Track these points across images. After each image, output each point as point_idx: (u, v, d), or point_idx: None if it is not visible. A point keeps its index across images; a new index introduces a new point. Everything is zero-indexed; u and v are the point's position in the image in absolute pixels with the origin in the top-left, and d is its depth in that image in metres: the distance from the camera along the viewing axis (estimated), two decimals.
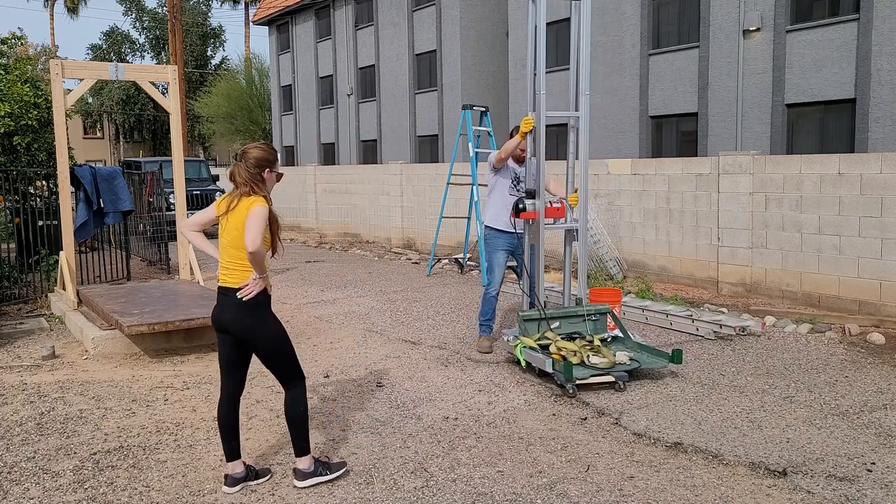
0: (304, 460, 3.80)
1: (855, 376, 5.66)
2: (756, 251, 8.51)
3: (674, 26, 17.23)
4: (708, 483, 3.83)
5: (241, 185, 3.62)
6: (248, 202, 3.58)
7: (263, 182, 3.68)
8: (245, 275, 3.60)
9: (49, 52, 54.43)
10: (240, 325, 3.62)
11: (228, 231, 3.62)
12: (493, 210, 6.39)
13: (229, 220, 3.61)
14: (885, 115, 13.32)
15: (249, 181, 3.61)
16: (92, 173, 9.17)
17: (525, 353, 5.68)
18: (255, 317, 3.63)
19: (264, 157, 3.68)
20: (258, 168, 3.65)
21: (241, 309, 3.60)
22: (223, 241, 3.66)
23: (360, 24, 28.94)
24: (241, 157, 3.67)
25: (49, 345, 6.69)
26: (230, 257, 3.64)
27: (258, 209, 3.52)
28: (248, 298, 3.60)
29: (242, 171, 3.63)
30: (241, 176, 3.62)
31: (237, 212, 3.59)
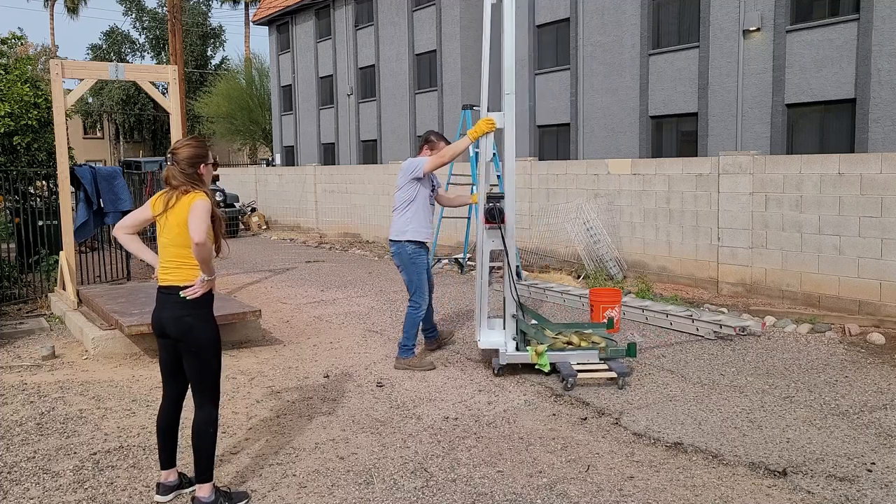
0: (205, 488, 3.59)
1: (855, 376, 5.65)
2: (756, 251, 8.51)
3: (674, 26, 17.23)
4: (708, 483, 3.83)
5: (178, 186, 3.51)
6: (188, 199, 3.48)
7: (201, 179, 3.58)
8: (187, 272, 3.51)
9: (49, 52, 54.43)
10: (179, 323, 3.50)
11: (168, 229, 3.52)
12: (417, 222, 5.83)
13: (168, 218, 3.51)
14: (885, 115, 13.32)
15: (186, 181, 3.51)
16: (92, 173, 9.17)
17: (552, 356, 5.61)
18: (197, 317, 3.52)
19: (196, 153, 3.57)
20: (193, 167, 3.55)
21: (184, 307, 3.49)
22: (163, 239, 3.56)
23: (360, 24, 28.94)
24: (171, 159, 3.55)
25: (49, 345, 6.69)
26: (171, 256, 3.54)
27: (200, 203, 3.44)
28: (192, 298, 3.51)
29: (177, 173, 3.51)
30: (177, 178, 3.51)
31: (177, 210, 3.49)
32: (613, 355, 5.69)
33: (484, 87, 5.86)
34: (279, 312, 8.49)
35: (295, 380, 5.78)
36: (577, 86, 19.37)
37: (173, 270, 3.55)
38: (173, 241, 3.53)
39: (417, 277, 5.90)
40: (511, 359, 5.67)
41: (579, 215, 10.34)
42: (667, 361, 6.16)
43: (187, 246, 3.45)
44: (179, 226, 3.48)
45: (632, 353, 5.67)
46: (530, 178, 11.67)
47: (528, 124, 20.89)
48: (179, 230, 3.49)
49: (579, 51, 19.27)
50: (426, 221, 5.89)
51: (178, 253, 3.53)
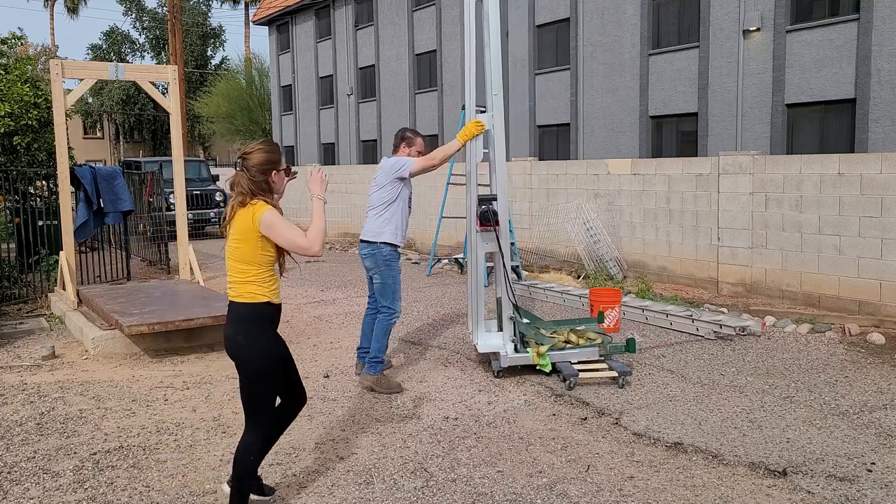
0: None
1: (855, 376, 5.65)
2: (756, 251, 8.51)
3: (674, 26, 17.23)
4: (708, 483, 3.83)
5: (239, 194, 3.26)
6: (247, 213, 3.23)
7: (270, 188, 3.31)
8: (242, 288, 3.28)
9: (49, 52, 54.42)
10: (232, 342, 3.31)
11: (228, 243, 3.31)
12: (394, 224, 5.49)
13: (229, 231, 3.31)
14: (885, 115, 13.32)
15: (254, 189, 3.25)
16: (92, 173, 9.17)
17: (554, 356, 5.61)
18: (248, 337, 3.28)
19: (268, 158, 3.29)
20: (263, 174, 3.27)
21: (236, 325, 3.30)
22: (226, 252, 3.36)
23: (360, 24, 28.94)
24: (241, 164, 3.29)
25: (49, 345, 6.69)
26: (231, 269, 3.33)
27: (268, 215, 3.19)
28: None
29: (244, 180, 3.25)
30: (243, 186, 3.25)
31: (234, 223, 3.27)
32: (613, 351, 5.71)
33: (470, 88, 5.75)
34: None
35: None
36: (577, 86, 19.37)
37: (232, 285, 3.33)
38: (231, 254, 3.31)
39: (392, 281, 5.50)
40: (512, 361, 5.65)
41: (579, 215, 10.34)
42: (667, 361, 6.16)
43: (245, 261, 3.26)
44: (237, 240, 3.26)
45: (631, 349, 5.67)
46: (530, 179, 11.67)
47: (528, 124, 20.89)
48: (237, 245, 3.27)
49: (579, 51, 19.26)
50: (404, 225, 5.55)
51: (236, 268, 3.30)
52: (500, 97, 5.60)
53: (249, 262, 3.27)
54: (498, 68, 5.58)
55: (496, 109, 5.57)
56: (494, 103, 5.56)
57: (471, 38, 5.61)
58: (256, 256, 3.26)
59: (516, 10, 20.99)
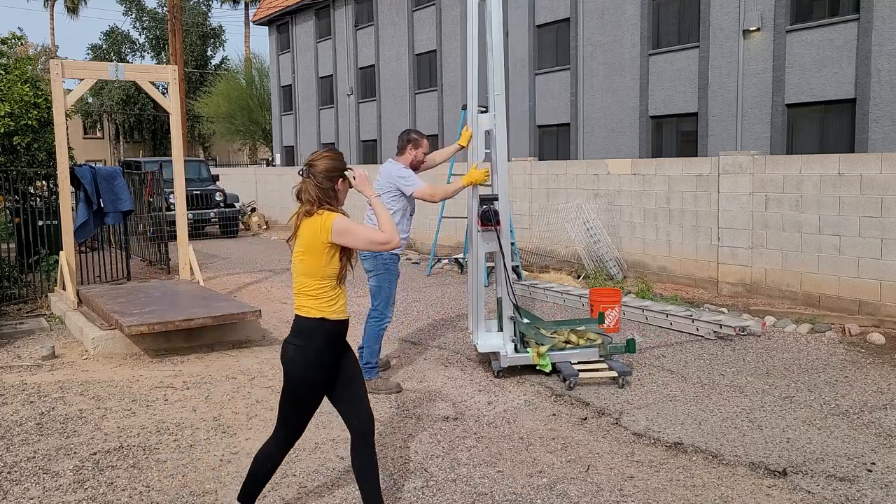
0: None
1: (855, 376, 5.65)
2: (756, 251, 8.51)
3: (674, 26, 17.24)
4: (708, 483, 3.83)
5: (307, 202, 3.16)
6: (315, 223, 3.12)
7: (336, 195, 3.21)
8: (302, 301, 3.21)
9: (49, 52, 54.43)
10: (284, 348, 3.23)
11: (293, 256, 3.23)
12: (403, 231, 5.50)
13: (295, 244, 3.21)
14: (885, 115, 13.32)
15: (321, 198, 3.15)
16: (92, 173, 9.17)
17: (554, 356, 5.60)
18: (298, 349, 3.18)
19: (334, 166, 3.21)
20: (330, 181, 3.18)
21: (294, 335, 3.22)
22: (292, 264, 3.28)
23: (360, 24, 28.94)
24: (307, 172, 3.19)
25: (49, 345, 6.69)
26: (295, 282, 3.23)
27: (339, 221, 3.10)
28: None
29: (311, 187, 3.16)
30: (310, 193, 3.16)
31: (302, 236, 3.16)
32: (613, 351, 5.71)
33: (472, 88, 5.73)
34: (279, 312, 8.49)
35: None
36: (577, 86, 19.37)
37: (296, 297, 3.24)
38: (295, 267, 3.22)
39: (388, 285, 5.48)
40: (512, 361, 5.65)
41: (579, 215, 10.33)
42: (667, 361, 6.16)
43: (307, 274, 3.17)
44: (301, 252, 3.17)
45: (631, 349, 5.67)
46: (530, 178, 11.67)
47: (528, 124, 20.90)
48: (301, 256, 3.17)
49: (579, 51, 19.27)
50: (406, 229, 5.53)
51: (301, 281, 3.21)
52: (503, 97, 5.61)
53: (311, 275, 3.18)
54: (500, 69, 5.58)
55: (498, 110, 5.58)
56: (497, 104, 5.57)
57: (473, 38, 5.61)
58: (320, 269, 3.16)
59: (516, 10, 20.99)
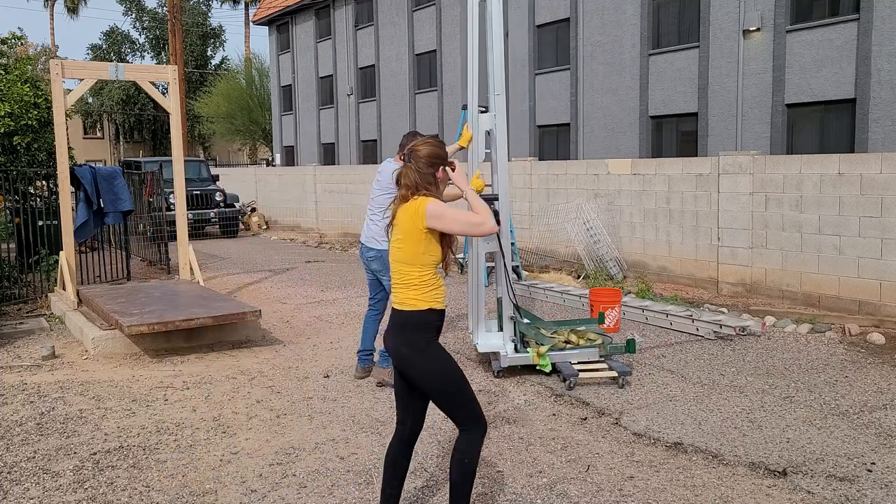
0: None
1: (855, 376, 5.65)
2: (756, 251, 8.51)
3: (674, 26, 17.23)
4: (708, 483, 3.83)
5: (404, 187, 3.12)
6: (410, 208, 3.07)
7: (436, 182, 3.17)
8: (405, 293, 3.09)
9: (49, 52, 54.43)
10: (397, 353, 3.09)
11: (391, 243, 3.15)
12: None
13: (393, 232, 3.14)
14: (885, 115, 13.32)
15: (420, 184, 3.10)
16: (92, 173, 9.17)
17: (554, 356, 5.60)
18: (414, 349, 3.05)
19: (437, 153, 3.18)
20: (431, 167, 3.15)
21: (400, 333, 3.09)
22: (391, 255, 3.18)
23: (360, 24, 28.94)
24: (408, 157, 3.16)
25: (49, 345, 6.69)
26: (395, 273, 3.14)
27: (432, 206, 3.02)
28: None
29: (412, 173, 3.11)
30: (410, 178, 3.11)
31: (400, 223, 3.10)
32: (613, 352, 5.71)
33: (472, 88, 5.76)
34: (279, 312, 8.49)
35: (295, 380, 5.78)
36: (577, 86, 19.37)
37: (396, 290, 3.13)
38: (395, 255, 3.13)
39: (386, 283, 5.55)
40: (512, 361, 5.66)
41: (579, 215, 10.33)
42: (667, 361, 6.16)
43: (407, 262, 3.08)
44: (399, 240, 3.10)
45: (631, 350, 5.68)
46: (530, 178, 11.67)
47: (528, 124, 20.89)
48: (399, 244, 3.10)
49: (579, 51, 19.26)
50: None
51: (400, 270, 3.11)
52: (503, 97, 5.62)
53: (411, 264, 3.08)
54: (500, 69, 5.59)
55: (498, 110, 5.60)
56: (497, 104, 5.59)
57: (473, 38, 5.63)
58: (419, 257, 3.07)
59: (516, 10, 20.99)
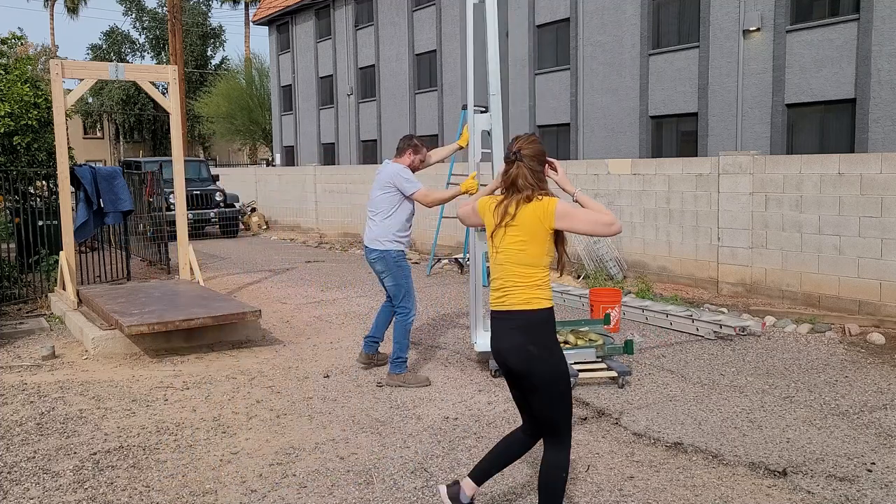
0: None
1: (855, 376, 5.65)
2: (756, 251, 8.51)
3: (674, 26, 17.23)
4: (708, 483, 3.83)
5: (524, 188, 3.04)
6: (539, 208, 2.99)
7: (545, 179, 3.12)
8: (529, 293, 3.00)
9: (49, 52, 54.43)
10: (519, 353, 2.98)
11: (507, 245, 3.04)
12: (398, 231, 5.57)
13: (508, 232, 3.04)
14: (885, 115, 13.32)
15: (535, 182, 3.05)
16: (92, 173, 9.17)
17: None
18: (541, 346, 2.97)
19: (542, 150, 3.12)
20: (541, 164, 3.10)
21: (524, 334, 2.98)
22: (499, 257, 3.07)
23: (360, 24, 28.94)
24: (517, 156, 3.08)
25: (49, 345, 6.69)
26: (508, 275, 3.03)
27: (561, 205, 2.99)
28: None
29: (527, 173, 3.05)
30: (527, 179, 3.04)
31: (522, 221, 3.00)
32: (611, 353, 5.70)
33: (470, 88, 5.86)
34: (279, 312, 8.49)
35: (295, 380, 5.78)
36: (577, 86, 19.37)
37: (511, 292, 3.03)
38: (513, 258, 3.03)
39: (405, 281, 5.59)
40: None
41: None
42: (667, 361, 6.16)
43: (532, 264, 3.01)
44: (523, 241, 3.00)
45: (629, 351, 5.68)
46: None
47: (527, 124, 20.89)
48: (523, 245, 3.00)
49: (579, 51, 19.27)
50: (408, 228, 5.66)
51: (519, 272, 3.01)
52: (499, 97, 5.66)
53: (535, 265, 3.02)
54: (496, 69, 5.62)
55: (494, 110, 5.65)
56: (492, 104, 5.62)
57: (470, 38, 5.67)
58: (543, 258, 3.03)
59: (516, 10, 20.99)
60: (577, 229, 3.04)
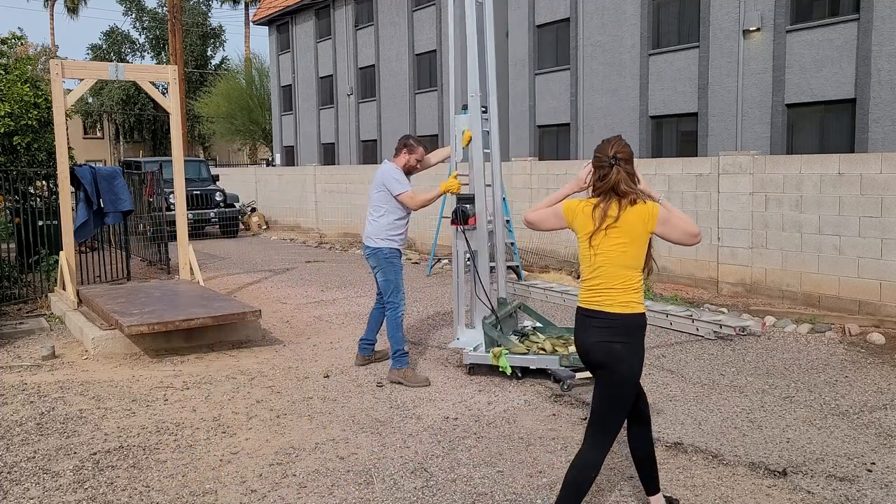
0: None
1: (855, 376, 5.65)
2: (756, 251, 8.51)
3: (674, 26, 17.23)
4: (708, 483, 3.83)
5: (627, 192, 3.07)
6: (643, 212, 3.06)
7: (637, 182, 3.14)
8: (628, 296, 3.05)
9: (49, 52, 54.41)
10: (605, 347, 3.04)
11: (608, 248, 3.07)
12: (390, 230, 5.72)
13: (608, 235, 3.06)
14: (885, 115, 13.32)
15: (633, 185, 3.08)
16: (92, 173, 9.17)
17: (513, 359, 5.59)
18: (628, 347, 3.04)
19: (631, 151, 3.17)
20: (632, 167, 3.14)
21: (619, 334, 3.04)
22: (598, 259, 3.09)
23: (360, 24, 28.94)
24: (616, 161, 3.09)
25: (49, 345, 6.69)
26: (608, 276, 3.07)
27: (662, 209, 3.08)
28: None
29: (626, 177, 3.07)
30: (630, 183, 3.07)
31: (626, 226, 3.05)
32: (576, 363, 5.44)
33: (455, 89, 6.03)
34: (279, 312, 8.49)
35: (295, 380, 5.78)
36: (577, 86, 19.37)
37: (609, 294, 3.07)
38: (615, 260, 3.06)
39: (395, 277, 5.75)
40: (474, 359, 5.77)
41: None
42: (667, 361, 6.16)
43: (632, 266, 3.07)
44: (625, 244, 3.05)
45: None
46: (530, 178, 11.67)
47: (528, 124, 20.89)
48: (625, 248, 3.05)
49: (579, 51, 19.26)
50: (402, 227, 5.77)
51: (621, 274, 3.06)
52: (477, 99, 5.77)
53: (635, 267, 3.08)
54: (475, 70, 5.73)
55: (472, 110, 5.75)
56: (471, 104, 5.76)
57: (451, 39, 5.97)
58: (640, 260, 3.09)
59: (516, 10, 20.99)
60: (669, 236, 3.12)
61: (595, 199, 3.16)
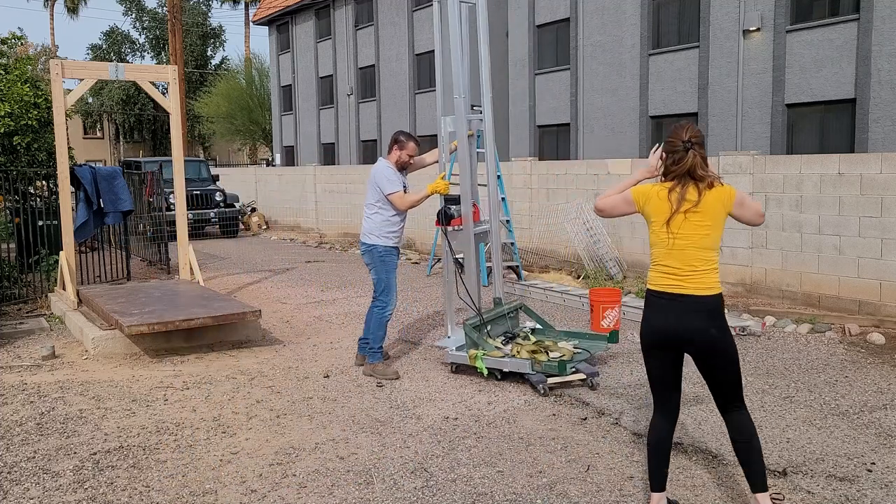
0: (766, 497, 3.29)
1: (855, 376, 5.65)
2: (756, 251, 8.51)
3: (674, 26, 17.24)
4: (708, 483, 3.83)
5: (704, 176, 3.14)
6: (723, 194, 3.15)
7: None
8: (709, 277, 3.14)
9: (49, 52, 54.42)
10: (703, 335, 3.13)
11: (691, 229, 3.14)
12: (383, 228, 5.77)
13: (689, 218, 3.13)
14: (885, 115, 13.32)
15: (709, 169, 3.17)
16: (92, 173, 9.17)
17: (489, 361, 5.56)
18: (720, 328, 3.14)
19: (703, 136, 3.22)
20: (705, 151, 3.21)
21: (709, 318, 3.13)
22: (679, 242, 3.15)
23: (360, 24, 28.94)
24: (692, 144, 3.15)
25: (49, 345, 6.69)
26: (689, 258, 3.14)
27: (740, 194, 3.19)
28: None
29: (701, 162, 3.14)
30: (704, 168, 3.15)
31: (707, 209, 3.13)
32: (548, 370, 5.38)
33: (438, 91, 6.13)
34: (279, 312, 8.49)
35: (295, 380, 5.78)
36: (577, 86, 19.37)
37: (691, 276, 3.14)
38: (698, 242, 3.14)
39: (386, 276, 5.80)
40: (454, 358, 5.81)
41: (579, 215, 10.34)
42: None
43: (713, 248, 3.15)
44: (708, 226, 3.13)
45: (614, 340, 5.87)
46: (530, 178, 11.67)
47: (528, 124, 20.90)
48: (708, 230, 3.13)
49: (579, 51, 19.27)
50: (395, 225, 5.81)
51: (702, 256, 3.14)
52: (461, 101, 5.81)
53: (714, 249, 3.17)
54: (459, 72, 5.78)
55: (458, 111, 5.81)
56: (456, 106, 5.80)
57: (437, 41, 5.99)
58: (719, 241, 3.20)
59: (516, 10, 21.00)
60: (742, 217, 3.25)
61: (669, 183, 3.21)
